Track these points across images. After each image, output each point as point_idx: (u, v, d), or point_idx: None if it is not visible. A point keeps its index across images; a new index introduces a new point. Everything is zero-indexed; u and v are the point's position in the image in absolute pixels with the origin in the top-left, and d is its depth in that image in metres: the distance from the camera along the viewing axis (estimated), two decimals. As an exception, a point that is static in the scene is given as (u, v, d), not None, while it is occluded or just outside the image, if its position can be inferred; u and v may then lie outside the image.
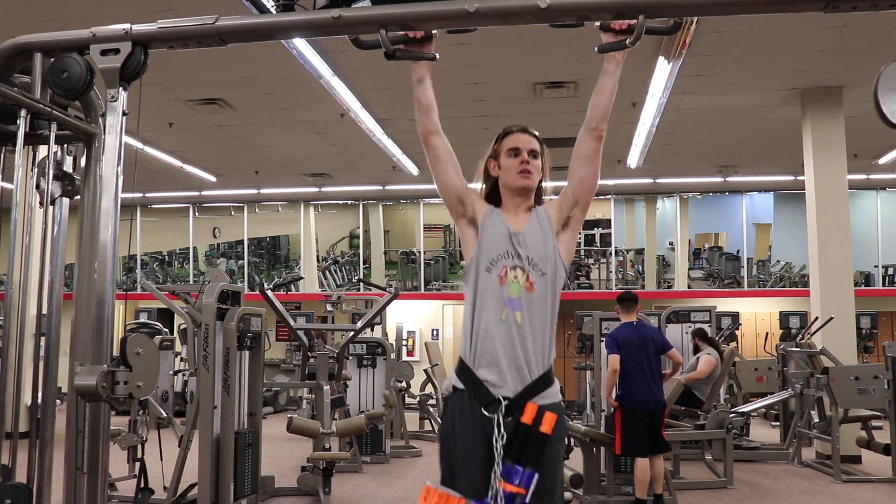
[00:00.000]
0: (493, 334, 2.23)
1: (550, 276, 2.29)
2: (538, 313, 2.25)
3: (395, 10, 2.30)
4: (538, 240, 2.31)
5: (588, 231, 16.47)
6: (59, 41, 2.50)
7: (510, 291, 2.25)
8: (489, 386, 2.21)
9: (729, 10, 2.34)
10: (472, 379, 2.24)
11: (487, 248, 2.31)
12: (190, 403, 6.73)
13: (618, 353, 5.35)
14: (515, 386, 2.20)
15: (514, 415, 2.17)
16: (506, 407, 2.18)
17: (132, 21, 2.47)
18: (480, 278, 2.29)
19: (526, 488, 2.08)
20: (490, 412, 2.18)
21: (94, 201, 2.47)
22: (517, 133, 2.42)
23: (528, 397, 2.20)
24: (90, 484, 2.42)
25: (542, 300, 2.26)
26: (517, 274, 2.26)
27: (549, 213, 2.38)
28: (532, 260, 2.28)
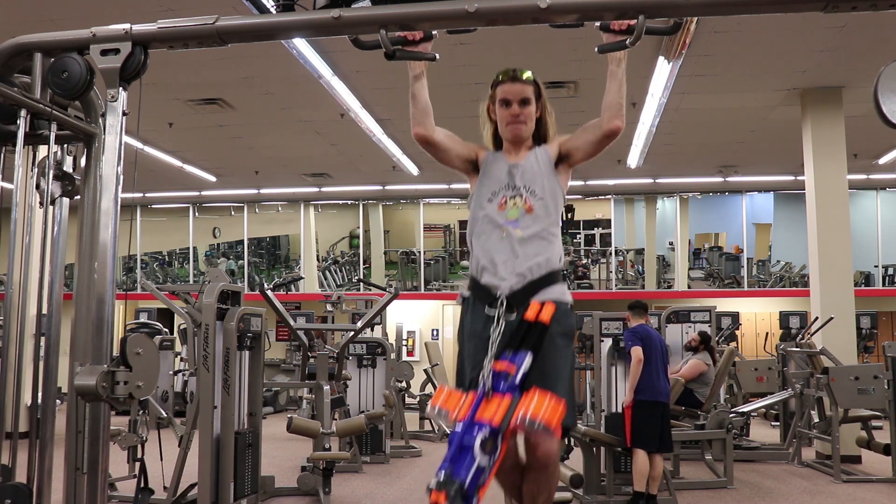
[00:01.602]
0: (492, 249, 2.40)
1: (549, 196, 2.46)
2: (538, 226, 2.42)
3: (395, 10, 2.30)
4: (535, 170, 2.48)
5: (588, 231, 16.48)
6: (59, 41, 2.50)
7: (509, 215, 2.43)
8: (490, 287, 2.37)
9: (729, 10, 2.34)
10: (477, 285, 2.42)
11: (488, 183, 2.50)
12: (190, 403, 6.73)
13: (640, 346, 5.41)
14: (516, 284, 2.35)
15: (518, 312, 2.29)
16: (508, 303, 2.31)
17: (132, 21, 2.47)
18: (483, 208, 2.48)
19: (517, 367, 2.11)
20: (492, 308, 2.33)
21: (94, 201, 2.47)
22: (507, 83, 2.54)
23: (530, 294, 2.33)
24: (90, 484, 2.42)
25: (543, 215, 2.43)
26: (516, 201, 2.44)
27: (548, 151, 2.53)
28: (529, 188, 2.45)
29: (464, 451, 1.95)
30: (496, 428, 1.99)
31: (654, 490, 5.40)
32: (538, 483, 2.35)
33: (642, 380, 5.40)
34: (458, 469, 1.92)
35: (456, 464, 1.93)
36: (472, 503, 1.92)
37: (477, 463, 1.94)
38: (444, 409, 2.09)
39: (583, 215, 16.21)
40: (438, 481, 1.89)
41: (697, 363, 7.26)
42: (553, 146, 2.54)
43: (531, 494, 2.36)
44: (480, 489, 1.95)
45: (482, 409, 2.04)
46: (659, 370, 5.47)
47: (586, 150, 2.49)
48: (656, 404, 5.39)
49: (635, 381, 5.41)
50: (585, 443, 5.78)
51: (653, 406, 5.37)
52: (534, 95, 2.53)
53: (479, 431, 1.97)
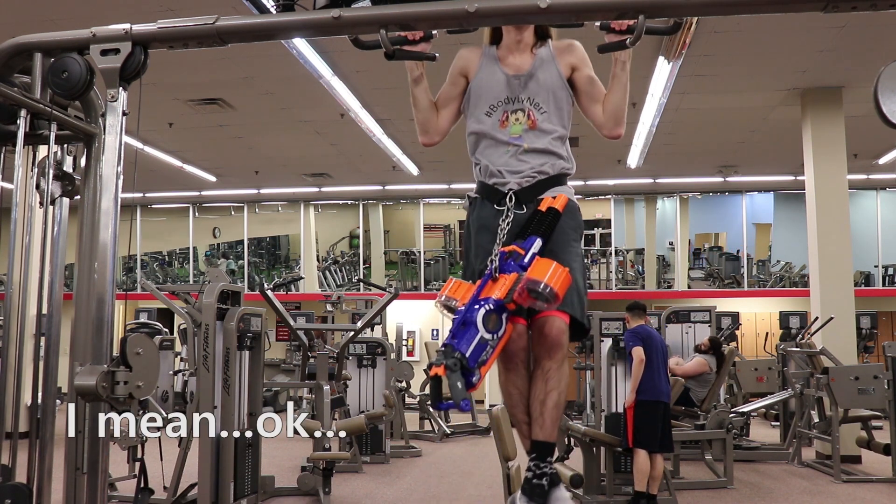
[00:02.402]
0: (497, 162, 2.32)
1: (555, 110, 2.34)
2: (544, 138, 2.32)
3: (395, 10, 2.30)
4: (540, 82, 2.34)
5: (588, 231, 16.48)
6: (59, 41, 2.49)
7: (512, 132, 2.33)
8: (498, 186, 2.30)
9: (729, 10, 2.34)
10: (484, 185, 2.34)
11: (485, 94, 2.35)
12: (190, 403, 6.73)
13: (641, 346, 5.41)
14: (525, 181, 2.29)
15: (528, 208, 2.24)
16: (517, 198, 2.25)
17: (132, 21, 2.47)
18: (481, 121, 2.36)
19: (524, 249, 2.06)
20: (500, 204, 2.26)
21: (94, 201, 2.47)
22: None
23: (539, 192, 2.27)
24: (90, 484, 2.42)
25: (549, 129, 2.33)
26: (518, 116, 2.33)
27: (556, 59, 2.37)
28: (533, 100, 2.33)
29: (466, 325, 1.87)
30: (500, 300, 1.93)
31: (654, 490, 5.41)
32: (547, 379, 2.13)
33: (643, 380, 5.41)
34: (459, 342, 1.84)
35: (457, 337, 1.86)
36: (473, 379, 1.83)
37: (479, 336, 1.86)
38: (453, 298, 2.03)
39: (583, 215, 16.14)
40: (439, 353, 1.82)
41: (702, 361, 7.27)
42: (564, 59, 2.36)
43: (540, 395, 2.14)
44: (482, 366, 1.87)
45: (488, 287, 1.98)
46: (660, 370, 5.48)
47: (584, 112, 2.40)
48: (658, 404, 5.40)
49: (637, 381, 5.41)
50: (585, 443, 5.79)
51: (654, 406, 5.38)
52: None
53: (483, 305, 1.90)
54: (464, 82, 2.42)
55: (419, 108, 2.42)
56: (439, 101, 2.46)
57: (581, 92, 2.40)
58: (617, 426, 5.71)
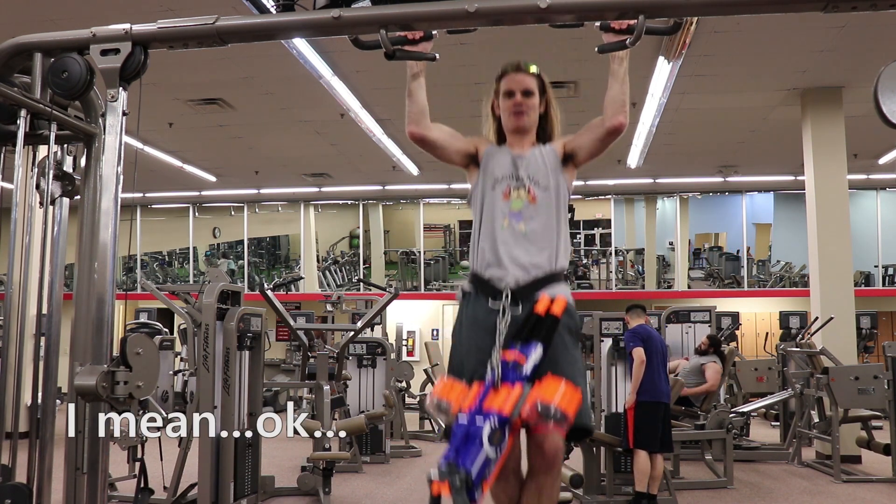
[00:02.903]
0: (497, 240, 2.34)
1: (553, 190, 2.40)
2: (543, 219, 2.36)
3: (395, 10, 2.30)
4: (539, 162, 2.43)
5: (588, 231, 16.48)
6: (59, 41, 2.49)
7: (513, 206, 2.37)
8: (494, 282, 2.31)
9: (729, 10, 2.34)
10: (480, 279, 2.35)
11: (492, 171, 2.44)
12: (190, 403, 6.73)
13: (642, 346, 5.41)
14: (522, 278, 2.29)
15: (524, 307, 2.23)
16: (513, 296, 2.25)
17: (132, 21, 2.47)
18: (486, 196, 2.42)
19: (527, 357, 2.05)
20: (495, 300, 2.26)
21: (94, 201, 2.47)
22: (511, 74, 2.50)
23: (535, 289, 2.27)
24: (90, 484, 2.42)
25: (547, 208, 2.38)
26: (520, 192, 2.38)
27: (553, 149, 2.49)
28: (533, 177, 2.40)
29: (470, 441, 1.85)
30: (505, 417, 1.91)
31: (654, 490, 5.41)
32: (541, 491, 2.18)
33: (644, 381, 5.41)
34: (464, 459, 1.82)
35: (462, 454, 1.83)
36: (476, 496, 1.81)
37: (484, 453, 1.84)
38: (445, 401, 2.00)
39: (583, 215, 16.20)
40: (441, 471, 1.79)
41: (717, 368, 7.22)
42: (558, 145, 2.50)
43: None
44: (485, 482, 1.85)
45: (490, 398, 1.96)
46: (660, 371, 5.47)
47: (590, 148, 2.45)
48: (658, 405, 5.40)
49: (638, 382, 5.41)
50: (585, 443, 5.78)
51: (654, 407, 5.38)
52: (538, 89, 2.49)
53: (488, 420, 1.88)
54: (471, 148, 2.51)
55: (413, 102, 2.44)
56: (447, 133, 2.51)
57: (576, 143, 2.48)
58: (617, 426, 5.71)
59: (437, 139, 2.48)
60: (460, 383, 2.07)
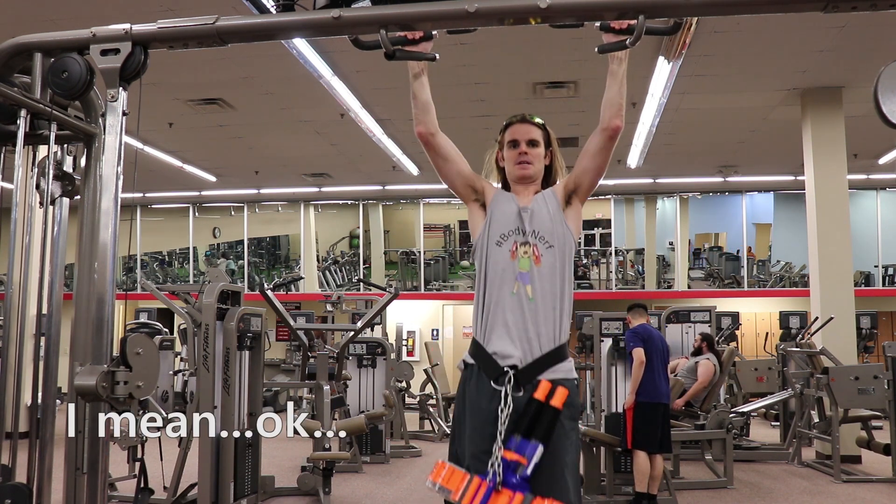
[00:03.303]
0: (504, 308, 2.29)
1: (558, 247, 2.35)
2: (548, 286, 2.31)
3: (395, 10, 2.30)
4: (543, 213, 2.39)
5: (588, 231, 16.46)
6: (59, 41, 2.49)
7: (521, 266, 2.32)
8: (498, 358, 2.25)
9: (729, 10, 2.34)
10: (482, 353, 2.29)
11: (497, 224, 2.40)
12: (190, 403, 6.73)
13: (642, 347, 5.40)
14: (525, 357, 2.24)
15: (526, 390, 2.19)
16: (515, 380, 2.20)
17: (132, 21, 2.47)
18: (491, 253, 2.37)
19: (528, 458, 2.06)
20: (498, 384, 2.21)
21: (94, 201, 2.46)
22: (516, 124, 2.50)
23: (538, 370, 2.23)
24: (90, 484, 2.42)
25: (552, 273, 2.32)
26: (526, 249, 2.33)
27: (555, 192, 2.46)
28: (538, 234, 2.35)
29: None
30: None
31: (654, 490, 5.41)
32: None
33: (643, 381, 5.41)
34: None
35: None
36: None
37: None
38: (446, 489, 2.02)
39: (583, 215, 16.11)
40: None
41: (709, 365, 7.21)
42: (559, 186, 2.48)
43: None
44: None
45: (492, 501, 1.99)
46: (660, 371, 5.47)
47: (593, 164, 2.43)
48: (657, 406, 5.40)
49: (637, 383, 5.41)
50: (585, 443, 5.78)
51: (654, 408, 5.38)
52: (542, 140, 2.49)
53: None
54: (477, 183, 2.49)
55: (417, 103, 2.42)
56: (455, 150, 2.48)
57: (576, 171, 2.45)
58: (617, 426, 5.71)
59: (442, 146, 2.46)
60: (460, 471, 2.07)
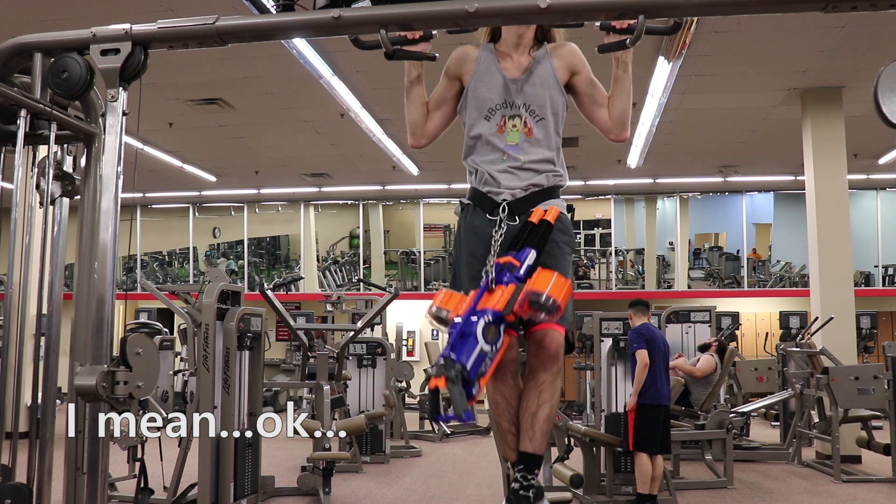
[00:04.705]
0: (493, 170, 2.30)
1: (550, 117, 2.33)
2: (540, 150, 2.31)
3: (395, 10, 2.30)
4: (537, 86, 2.32)
5: (588, 231, 16.48)
6: (59, 41, 2.49)
7: (509, 139, 2.31)
8: (492, 195, 2.29)
9: (729, 10, 2.34)
10: (478, 193, 2.33)
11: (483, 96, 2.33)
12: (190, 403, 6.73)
13: (645, 349, 5.39)
14: (519, 192, 2.28)
15: (521, 219, 2.23)
16: (509, 208, 2.24)
17: (132, 21, 2.47)
18: (479, 125, 2.34)
19: (519, 261, 2.06)
20: (494, 215, 2.25)
21: (94, 201, 2.46)
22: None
23: (531, 203, 2.26)
24: (90, 484, 2.42)
25: (544, 138, 2.32)
26: (515, 122, 2.31)
27: (553, 65, 2.35)
28: (529, 107, 2.31)
29: (465, 337, 1.86)
30: (499, 312, 1.92)
31: (654, 490, 5.40)
32: (541, 391, 2.11)
33: (645, 383, 5.39)
34: (460, 353, 1.83)
35: (457, 349, 1.84)
36: (473, 390, 1.82)
37: (479, 347, 1.85)
38: (444, 309, 2.02)
39: (583, 215, 16.20)
40: (438, 366, 1.80)
41: (711, 360, 7.27)
42: (561, 62, 2.35)
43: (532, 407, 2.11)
44: (482, 378, 1.86)
45: (485, 299, 1.98)
46: (661, 373, 5.45)
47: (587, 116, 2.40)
48: (658, 408, 5.38)
49: (640, 385, 5.39)
50: (585, 443, 5.78)
51: (655, 410, 5.37)
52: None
53: (482, 317, 1.90)
54: (458, 85, 2.40)
55: (411, 109, 2.41)
56: (431, 101, 2.43)
57: (583, 95, 2.38)
58: (617, 426, 5.71)
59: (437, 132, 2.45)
60: (459, 294, 2.09)
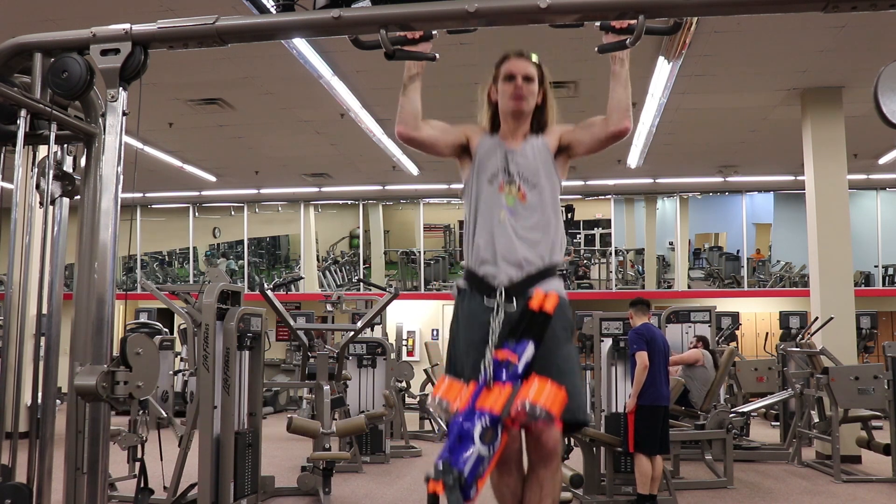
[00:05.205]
0: (493, 235, 2.36)
1: (544, 184, 2.42)
2: (536, 216, 2.39)
3: (395, 10, 2.30)
4: (530, 158, 2.44)
5: (588, 231, 16.48)
6: (59, 41, 2.49)
7: (507, 201, 2.40)
8: (489, 279, 2.34)
9: (729, 10, 2.34)
10: (474, 276, 2.38)
11: (486, 166, 2.45)
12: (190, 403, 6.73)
13: (646, 350, 5.38)
14: (516, 275, 2.32)
15: (518, 303, 2.26)
16: (507, 292, 2.28)
17: (132, 21, 2.47)
18: (483, 191, 2.44)
19: (518, 356, 2.08)
20: (491, 299, 2.30)
21: (94, 201, 2.47)
22: (513, 59, 2.51)
23: (528, 286, 2.30)
24: (90, 484, 2.42)
25: (539, 205, 2.40)
26: (511, 189, 2.41)
27: (546, 143, 2.49)
28: (523, 174, 2.42)
29: (463, 440, 1.91)
30: (496, 416, 1.95)
31: (654, 490, 5.41)
32: (542, 486, 2.24)
33: (644, 384, 5.39)
34: (457, 458, 1.88)
35: (454, 453, 1.89)
36: (471, 494, 1.87)
37: (476, 452, 1.89)
38: (445, 400, 2.06)
39: (583, 215, 16.21)
40: (437, 470, 1.85)
41: (696, 353, 7.35)
42: (552, 136, 2.50)
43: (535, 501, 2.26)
44: (479, 480, 1.91)
45: (483, 397, 2.00)
46: (661, 374, 5.43)
47: (590, 145, 2.46)
48: (658, 409, 5.37)
49: (640, 386, 5.39)
50: (585, 443, 5.78)
51: (654, 411, 5.36)
52: (538, 77, 2.50)
53: (479, 419, 1.93)
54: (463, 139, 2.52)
55: (408, 103, 2.44)
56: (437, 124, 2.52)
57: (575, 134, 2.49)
58: (617, 426, 5.71)
59: (427, 138, 2.49)
60: (458, 382, 2.11)
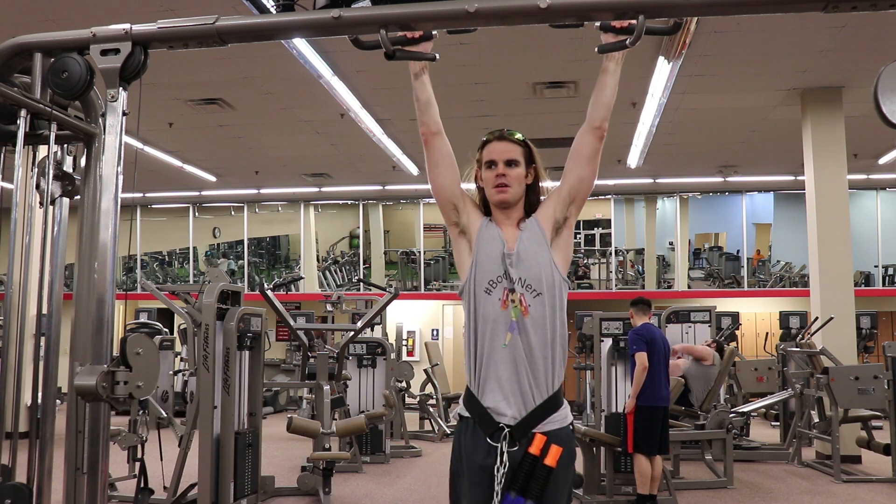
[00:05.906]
0: (496, 361, 2.19)
1: (547, 294, 2.22)
2: (539, 336, 2.20)
3: (395, 10, 2.30)
4: (531, 257, 2.24)
5: (588, 231, 16.48)
6: (59, 41, 2.49)
7: (513, 315, 2.20)
8: (493, 413, 2.18)
9: (729, 10, 2.34)
10: (478, 408, 2.21)
11: (484, 269, 2.25)
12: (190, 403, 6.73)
13: (645, 351, 5.38)
14: (520, 412, 2.17)
15: (521, 444, 2.15)
16: (510, 434, 2.15)
17: (132, 21, 2.47)
18: (480, 301, 2.24)
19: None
20: (494, 440, 2.17)
21: (94, 201, 2.46)
22: (493, 142, 2.34)
23: (533, 423, 2.17)
24: (90, 484, 2.42)
25: (542, 322, 2.21)
26: (514, 298, 2.20)
27: (540, 223, 2.30)
28: (525, 281, 2.21)
29: None
30: None
31: (654, 490, 5.41)
32: None
33: (644, 385, 5.39)
34: None
35: None
36: None
37: None
38: None
39: (583, 215, 16.08)
40: None
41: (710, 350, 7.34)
42: (546, 210, 2.31)
43: None
44: None
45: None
46: (661, 374, 5.44)
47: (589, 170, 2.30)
48: (657, 409, 5.38)
49: (639, 387, 5.39)
50: (585, 443, 5.79)
51: (654, 411, 5.37)
52: (523, 158, 2.32)
53: None
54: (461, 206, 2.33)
55: (420, 104, 2.34)
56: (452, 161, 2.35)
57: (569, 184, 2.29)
58: (617, 426, 5.71)
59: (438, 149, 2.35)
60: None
